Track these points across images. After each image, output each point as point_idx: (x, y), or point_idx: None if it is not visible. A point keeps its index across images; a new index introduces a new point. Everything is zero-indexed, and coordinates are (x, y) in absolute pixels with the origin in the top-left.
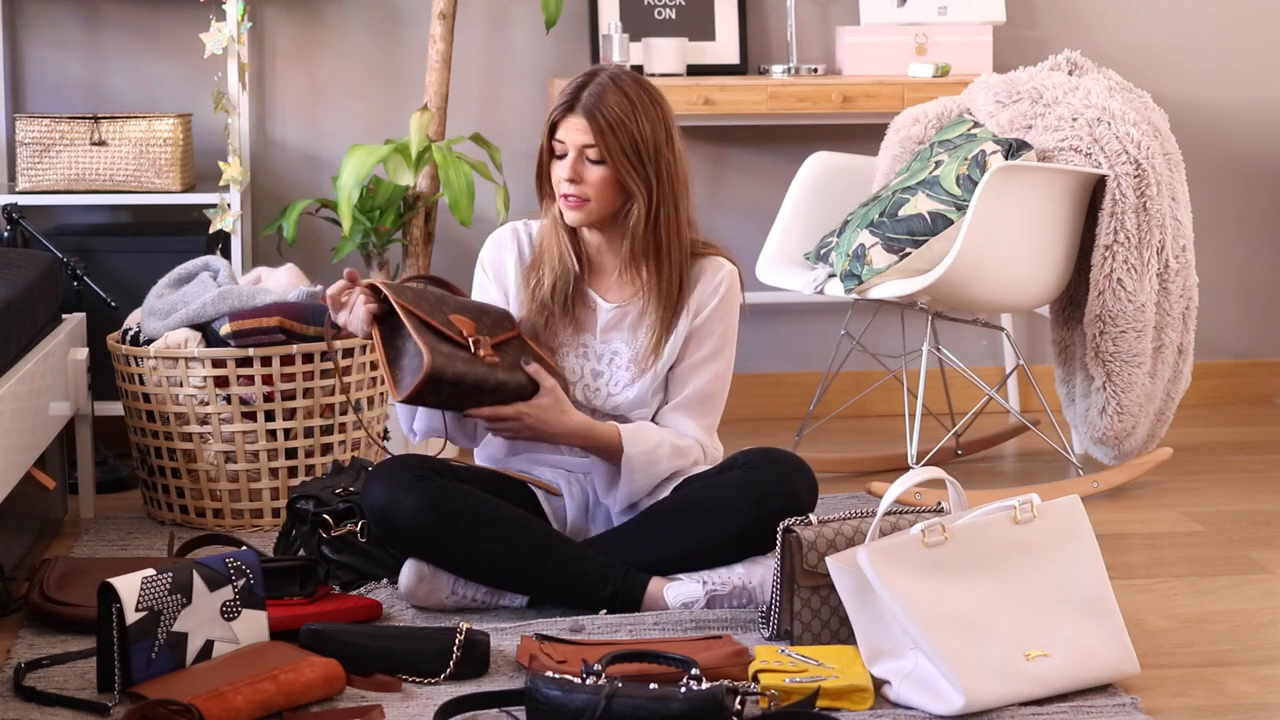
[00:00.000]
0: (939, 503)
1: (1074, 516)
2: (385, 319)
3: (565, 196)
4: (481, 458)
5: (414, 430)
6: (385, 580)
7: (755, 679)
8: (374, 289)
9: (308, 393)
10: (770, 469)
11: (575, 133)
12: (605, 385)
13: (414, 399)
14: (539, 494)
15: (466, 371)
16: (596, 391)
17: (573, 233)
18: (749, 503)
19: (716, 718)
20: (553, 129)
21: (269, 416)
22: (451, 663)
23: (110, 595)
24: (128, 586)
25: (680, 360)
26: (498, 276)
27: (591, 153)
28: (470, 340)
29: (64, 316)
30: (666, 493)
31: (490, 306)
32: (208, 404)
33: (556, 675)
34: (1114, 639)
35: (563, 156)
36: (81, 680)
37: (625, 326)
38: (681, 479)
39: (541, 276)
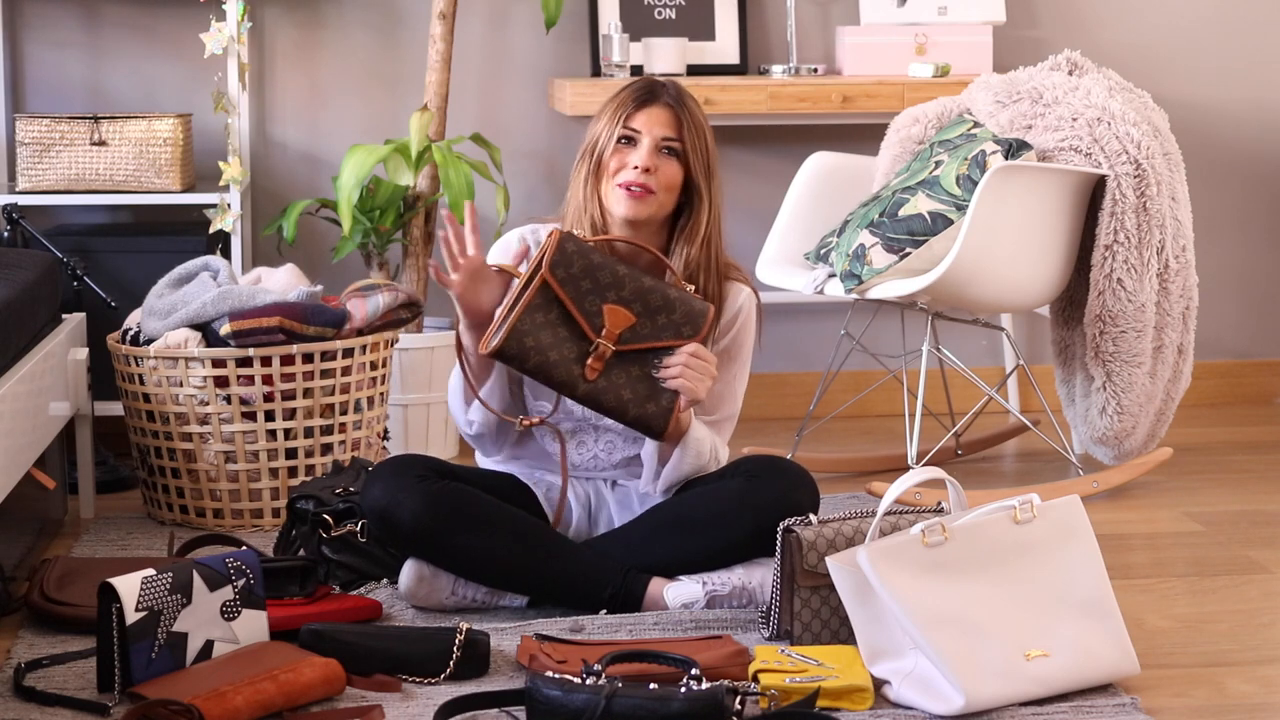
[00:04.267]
0: (939, 503)
1: (1074, 516)
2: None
3: (631, 185)
4: (484, 461)
5: (470, 421)
6: (385, 580)
7: (755, 679)
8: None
9: (308, 393)
10: (772, 478)
11: (658, 125)
12: None
13: (493, 356)
14: (539, 495)
15: (540, 371)
16: None
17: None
18: (750, 512)
19: (716, 718)
20: (626, 117)
21: (269, 416)
22: (451, 663)
23: (110, 595)
24: (128, 586)
25: None
26: None
27: (672, 145)
28: (595, 343)
29: (64, 316)
30: (669, 494)
31: (687, 304)
32: (208, 404)
33: (556, 675)
34: (1114, 639)
35: (631, 144)
36: (81, 680)
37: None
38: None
39: None
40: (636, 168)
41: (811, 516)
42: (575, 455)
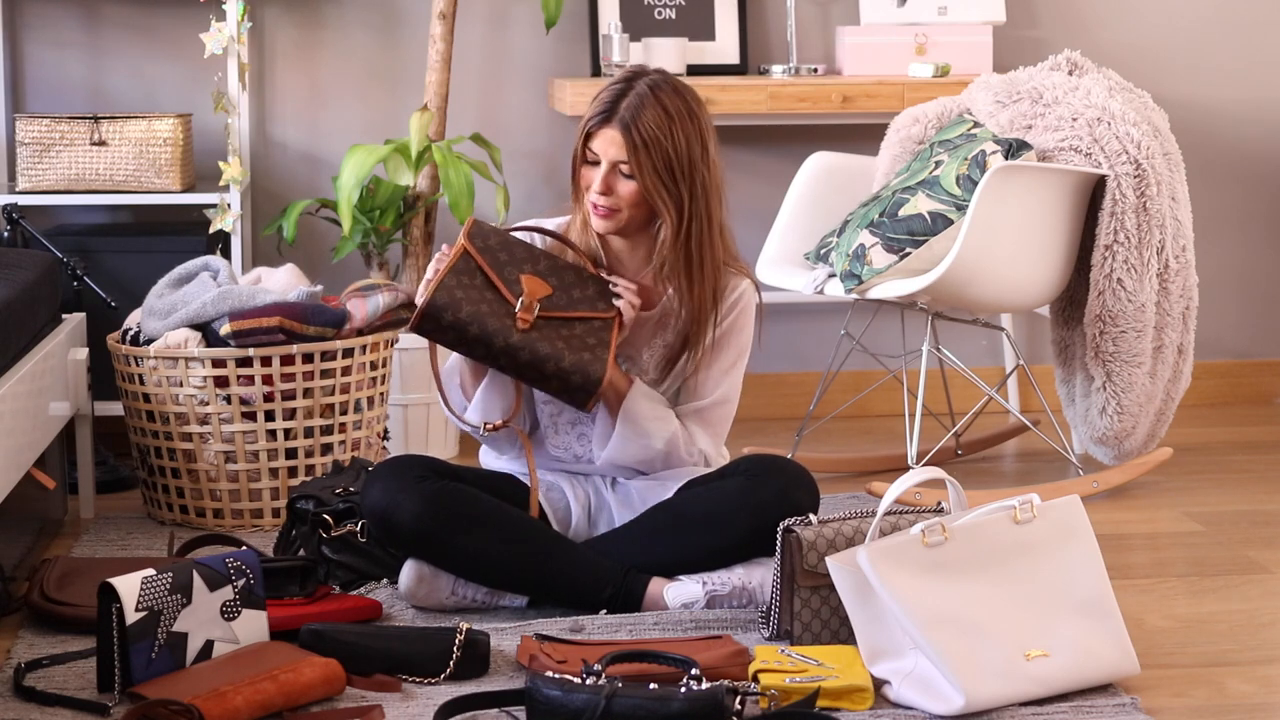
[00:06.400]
0: (939, 503)
1: (1074, 516)
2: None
3: (595, 206)
4: (485, 461)
5: (463, 419)
6: (385, 580)
7: (755, 679)
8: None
9: (308, 393)
10: (772, 478)
11: (610, 146)
12: None
13: (417, 329)
14: (540, 495)
15: (475, 321)
16: None
17: (599, 236)
18: (750, 512)
19: (716, 718)
20: (587, 137)
21: (269, 416)
22: (451, 663)
23: (110, 595)
24: (128, 586)
25: (694, 371)
26: None
27: (624, 168)
28: (520, 301)
29: (64, 316)
30: (670, 494)
31: (601, 284)
32: (208, 404)
33: (556, 675)
34: (1114, 639)
35: (595, 164)
36: (81, 680)
37: (638, 337)
38: (685, 481)
39: None
40: (597, 191)
41: (811, 516)
42: (577, 447)
